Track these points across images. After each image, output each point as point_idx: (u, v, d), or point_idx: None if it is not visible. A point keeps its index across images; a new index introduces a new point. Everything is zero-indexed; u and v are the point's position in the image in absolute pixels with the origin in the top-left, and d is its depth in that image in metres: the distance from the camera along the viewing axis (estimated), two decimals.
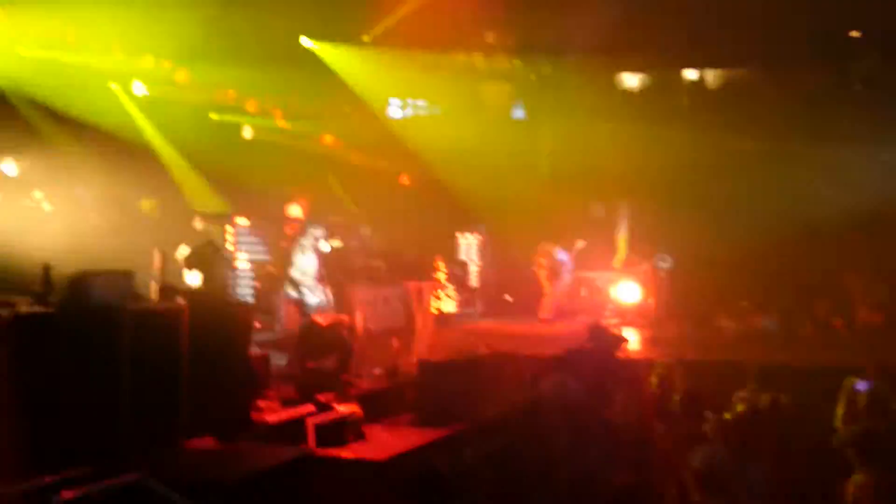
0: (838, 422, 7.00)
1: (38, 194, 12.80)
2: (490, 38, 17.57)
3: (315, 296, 10.18)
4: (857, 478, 5.20)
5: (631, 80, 20.78)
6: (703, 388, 8.36)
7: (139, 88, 15.24)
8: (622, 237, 16.67)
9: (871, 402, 6.74)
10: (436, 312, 11.32)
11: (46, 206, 12.74)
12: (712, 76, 20.40)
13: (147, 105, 15.33)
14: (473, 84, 17.20)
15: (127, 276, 5.79)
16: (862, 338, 13.11)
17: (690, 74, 20.32)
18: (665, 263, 15.70)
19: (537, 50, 18.62)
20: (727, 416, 6.84)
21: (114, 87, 14.76)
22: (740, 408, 7.09)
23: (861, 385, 7.49)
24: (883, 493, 4.56)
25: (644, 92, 20.56)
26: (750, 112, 18.70)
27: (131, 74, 14.90)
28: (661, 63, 20.06)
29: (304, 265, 10.27)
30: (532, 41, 18.42)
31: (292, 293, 10.19)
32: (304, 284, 10.08)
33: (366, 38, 16.25)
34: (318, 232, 10.41)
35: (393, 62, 16.55)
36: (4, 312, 4.90)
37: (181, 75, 14.95)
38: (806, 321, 14.30)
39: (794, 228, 16.22)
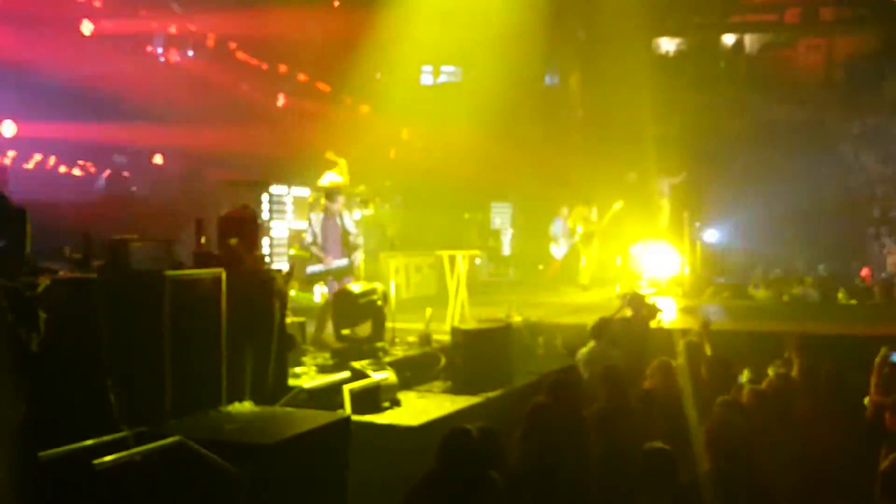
0: (872, 392, 6.95)
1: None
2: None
3: (338, 260, 10.11)
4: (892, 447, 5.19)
5: (667, 45, 20.51)
6: (735, 355, 8.37)
7: None
8: (664, 205, 16.54)
9: None
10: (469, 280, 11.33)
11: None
12: (750, 41, 20.06)
13: None
14: (506, 50, 17.03)
15: (166, 242, 5.88)
16: None
17: (728, 39, 20.01)
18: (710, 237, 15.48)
19: (572, 14, 18.42)
20: (762, 384, 6.84)
21: None
22: (774, 376, 7.09)
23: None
24: None
25: (680, 56, 20.29)
26: (790, 78, 18.40)
27: None
28: (698, 27, 19.78)
29: (329, 231, 10.18)
30: (567, 4, 18.21)
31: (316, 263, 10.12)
32: (327, 250, 10.02)
33: None
34: (340, 199, 10.32)
35: (426, 26, 16.39)
36: (45, 278, 5.00)
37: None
38: (843, 290, 14.17)
39: (833, 198, 16.02)
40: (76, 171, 14.31)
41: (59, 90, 12.41)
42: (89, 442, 4.60)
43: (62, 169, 14.04)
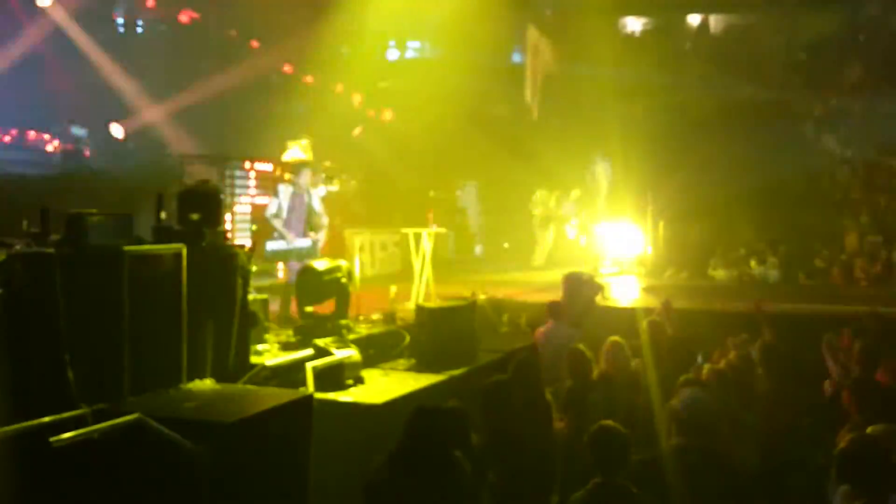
0: (831, 372, 7.07)
1: None
2: None
3: (301, 240, 10.04)
4: (852, 425, 5.27)
5: (634, 25, 20.55)
6: (695, 335, 8.46)
7: None
8: (621, 187, 16.62)
9: (863, 352, 6.79)
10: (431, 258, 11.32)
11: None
12: (715, 21, 20.16)
13: None
14: (472, 25, 16.93)
15: (125, 217, 5.76)
16: (857, 288, 13.19)
17: (694, 19, 20.09)
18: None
19: None
20: (721, 363, 6.92)
21: None
22: (733, 354, 7.17)
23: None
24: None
25: (645, 36, 20.34)
26: (751, 59, 18.52)
27: None
28: (664, 6, 19.82)
29: (295, 206, 10.09)
30: None
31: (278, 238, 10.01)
32: (290, 226, 9.93)
33: None
34: (306, 173, 10.20)
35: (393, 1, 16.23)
36: (0, 252, 4.87)
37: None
38: (802, 271, 14.37)
39: (794, 178, 16.20)
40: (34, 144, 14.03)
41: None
42: (47, 419, 4.52)
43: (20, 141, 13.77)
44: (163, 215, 6.05)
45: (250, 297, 7.04)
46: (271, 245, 10.01)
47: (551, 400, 6.25)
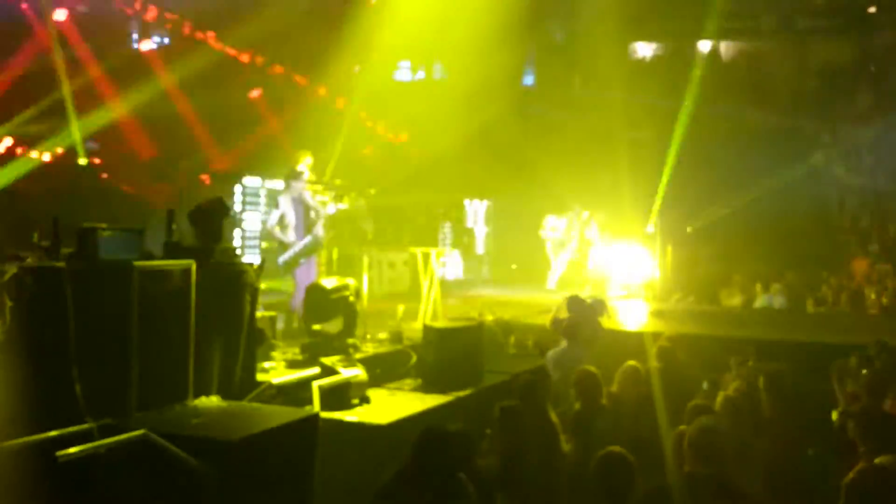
0: (839, 399, 7.03)
1: None
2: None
3: (302, 239, 10.04)
4: (859, 455, 5.23)
5: (644, 50, 20.61)
6: (703, 361, 8.43)
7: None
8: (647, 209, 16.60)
9: (871, 381, 6.75)
10: (441, 278, 11.33)
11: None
12: (726, 48, 20.21)
13: None
14: (485, 48, 17.02)
15: (136, 232, 5.78)
16: (866, 317, 13.13)
17: (704, 45, 20.13)
18: None
19: (550, 16, 18.45)
20: (729, 389, 6.88)
21: None
22: (741, 382, 7.13)
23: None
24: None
25: (656, 62, 20.40)
26: (762, 86, 18.55)
27: None
28: (675, 32, 19.88)
29: (295, 211, 10.11)
30: (545, 6, 18.22)
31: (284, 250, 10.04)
32: (292, 232, 9.95)
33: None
34: (304, 177, 10.20)
35: (405, 22, 16.32)
36: (11, 266, 4.90)
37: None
38: (810, 299, 14.32)
39: (802, 205, 16.17)
40: (46, 158, 14.12)
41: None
42: (53, 433, 4.52)
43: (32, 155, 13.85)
44: (173, 231, 6.08)
45: (258, 314, 7.05)
46: (282, 258, 10.06)
47: (557, 422, 6.22)
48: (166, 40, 15.64)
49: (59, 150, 14.23)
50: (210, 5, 14.44)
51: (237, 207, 12.26)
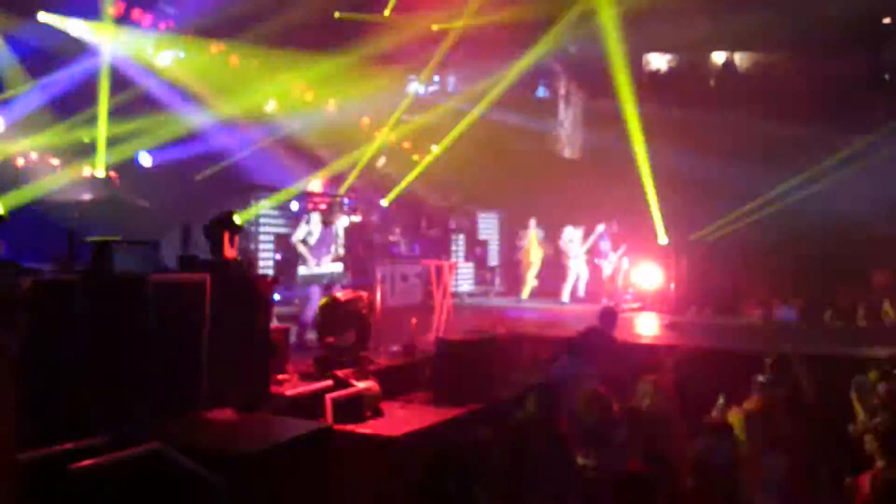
0: (858, 414, 6.96)
1: None
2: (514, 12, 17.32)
3: (332, 264, 10.33)
4: (876, 470, 5.18)
5: (658, 62, 20.58)
6: (720, 376, 8.36)
7: None
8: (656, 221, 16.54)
9: (889, 395, 6.68)
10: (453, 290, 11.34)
11: None
12: (741, 59, 20.16)
13: None
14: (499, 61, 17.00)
15: (151, 245, 5.82)
16: (884, 331, 12.99)
17: (719, 57, 20.09)
18: None
19: (564, 27, 18.42)
20: (746, 405, 6.83)
21: None
22: (757, 397, 7.07)
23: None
24: None
25: (670, 73, 20.36)
26: (776, 97, 18.47)
27: None
28: (690, 44, 19.83)
29: (325, 236, 10.37)
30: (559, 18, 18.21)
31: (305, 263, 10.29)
32: (319, 253, 10.20)
33: (386, 13, 16.12)
34: (343, 208, 10.57)
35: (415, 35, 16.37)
36: (27, 279, 4.93)
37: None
38: (829, 313, 14.19)
39: (821, 219, 16.04)
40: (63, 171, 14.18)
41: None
42: (67, 445, 4.53)
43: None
44: (188, 244, 6.11)
45: (271, 326, 7.06)
46: (302, 270, 10.22)
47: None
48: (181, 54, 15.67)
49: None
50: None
51: (251, 220, 12.32)
